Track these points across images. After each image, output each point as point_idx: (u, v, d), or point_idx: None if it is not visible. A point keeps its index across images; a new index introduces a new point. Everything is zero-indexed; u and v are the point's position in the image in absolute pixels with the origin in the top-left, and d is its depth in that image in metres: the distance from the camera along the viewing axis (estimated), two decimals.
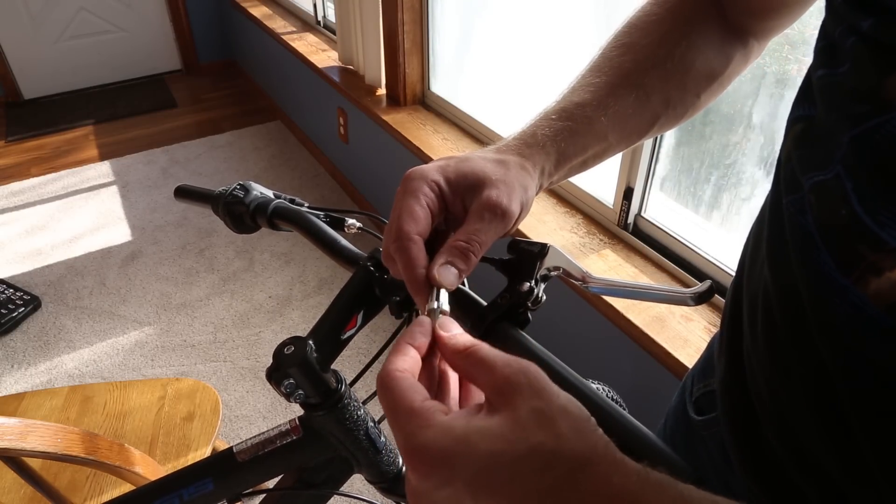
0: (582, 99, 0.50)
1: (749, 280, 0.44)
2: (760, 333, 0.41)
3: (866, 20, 0.32)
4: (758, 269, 0.43)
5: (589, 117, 0.49)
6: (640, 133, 0.53)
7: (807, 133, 0.37)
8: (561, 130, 0.48)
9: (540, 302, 0.46)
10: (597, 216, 1.54)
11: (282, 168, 3.13)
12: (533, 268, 0.47)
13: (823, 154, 0.34)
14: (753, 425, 0.43)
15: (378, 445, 0.59)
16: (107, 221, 2.75)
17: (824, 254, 0.34)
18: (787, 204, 0.37)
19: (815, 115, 0.37)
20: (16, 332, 2.15)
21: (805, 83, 0.40)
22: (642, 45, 0.52)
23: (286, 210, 0.68)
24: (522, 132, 0.48)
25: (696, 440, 0.56)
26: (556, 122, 0.48)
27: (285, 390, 0.50)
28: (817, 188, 0.34)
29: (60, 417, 1.24)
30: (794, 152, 0.38)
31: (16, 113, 3.71)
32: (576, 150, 0.49)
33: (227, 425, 1.82)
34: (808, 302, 0.35)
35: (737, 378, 0.45)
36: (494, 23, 1.87)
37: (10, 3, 3.57)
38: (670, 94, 0.52)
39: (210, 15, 4.08)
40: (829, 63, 0.36)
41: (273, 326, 2.17)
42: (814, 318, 0.35)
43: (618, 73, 0.51)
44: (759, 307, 0.41)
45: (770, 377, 0.40)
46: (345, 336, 0.53)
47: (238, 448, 0.57)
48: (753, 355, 0.42)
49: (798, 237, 0.36)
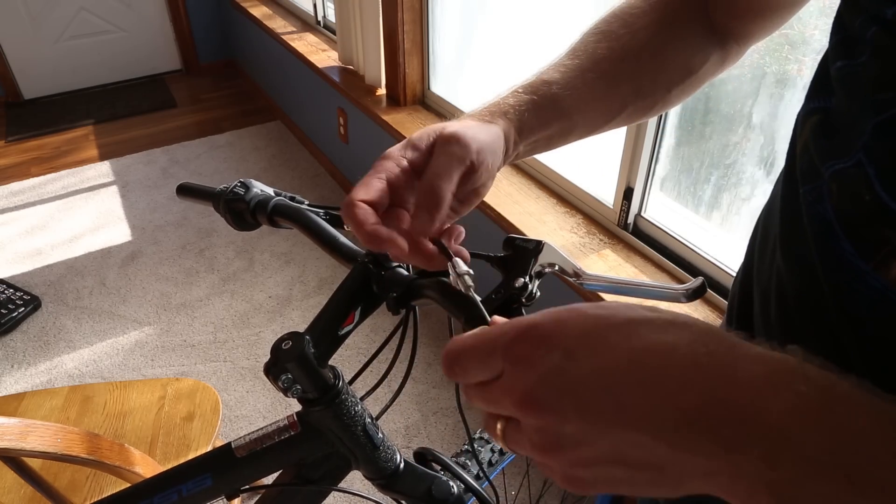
0: (550, 77, 0.52)
1: (759, 273, 0.45)
2: (775, 324, 0.41)
3: (891, 8, 0.32)
4: (768, 262, 0.43)
5: (554, 94, 0.51)
6: (608, 118, 0.54)
7: (824, 123, 0.38)
8: (525, 102, 0.50)
9: (534, 298, 0.47)
10: (597, 216, 1.54)
11: (282, 168, 3.13)
12: (528, 264, 0.47)
13: (843, 142, 0.35)
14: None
15: (376, 441, 0.59)
16: (107, 221, 2.75)
17: (844, 241, 0.34)
18: (805, 193, 0.38)
19: (831, 106, 0.37)
20: (16, 332, 2.15)
21: (818, 77, 0.40)
22: (619, 34, 0.53)
23: (286, 207, 0.68)
24: (488, 102, 0.51)
25: None
26: (520, 94, 0.50)
27: (283, 385, 0.51)
28: (838, 176, 0.35)
29: (60, 417, 1.24)
30: (812, 143, 0.38)
31: (16, 113, 3.71)
32: (538, 123, 0.50)
33: (227, 425, 1.82)
34: (828, 290, 0.35)
35: None
36: (494, 23, 1.87)
37: (10, 3, 3.57)
38: (641, 84, 0.54)
39: (210, 15, 4.08)
40: (847, 54, 0.36)
41: (273, 326, 2.17)
42: (834, 305, 0.35)
43: (590, 59, 0.53)
44: (772, 298, 0.42)
45: None
46: (342, 332, 0.54)
47: (237, 444, 0.58)
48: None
49: (816, 226, 0.36)
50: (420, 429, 1.79)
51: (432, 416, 1.82)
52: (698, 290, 0.46)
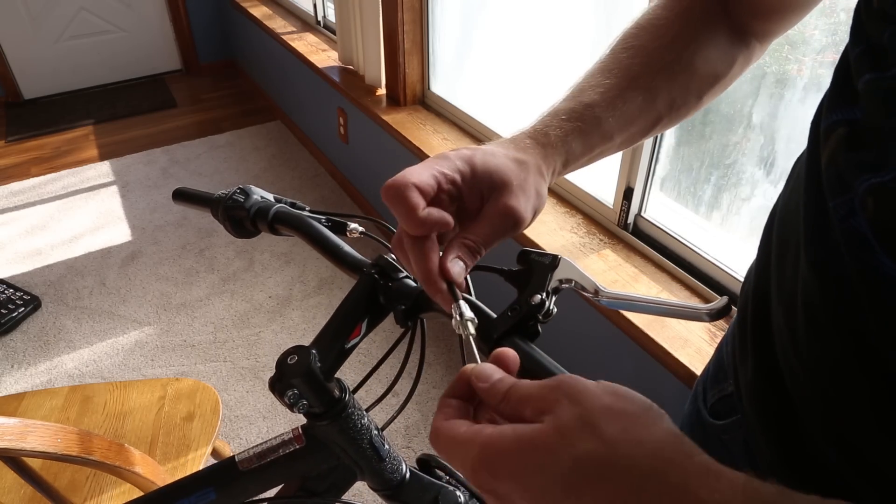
0: (591, 100, 0.51)
1: (780, 283, 0.44)
2: (803, 334, 0.40)
3: None
4: (790, 273, 0.42)
5: (598, 118, 0.50)
6: (643, 133, 0.54)
7: (853, 136, 0.37)
8: (571, 131, 0.49)
9: (551, 315, 0.46)
10: (597, 216, 1.54)
11: (282, 168, 3.13)
12: (544, 280, 0.46)
13: (878, 156, 0.34)
14: (791, 424, 0.43)
15: (381, 453, 0.58)
16: (107, 221, 2.75)
17: (882, 255, 0.33)
18: (834, 208, 0.37)
19: (859, 119, 0.37)
20: (16, 332, 2.15)
21: (838, 87, 0.39)
22: (651, 48, 0.53)
23: (287, 215, 0.67)
24: (535, 130, 0.49)
25: (715, 445, 0.56)
26: (566, 122, 0.49)
27: (289, 401, 0.49)
28: (875, 190, 0.34)
29: (60, 417, 1.24)
30: (840, 156, 0.37)
31: (16, 113, 3.71)
32: (583, 150, 0.50)
33: (227, 425, 1.82)
34: (867, 304, 0.35)
35: (769, 379, 0.45)
36: (494, 23, 1.87)
37: (10, 3, 3.57)
38: (674, 95, 0.54)
39: (210, 15, 4.08)
40: (876, 66, 0.35)
41: (273, 326, 2.17)
42: (873, 318, 0.35)
43: (626, 76, 0.52)
44: (798, 309, 0.41)
45: (817, 375, 0.40)
46: (349, 345, 0.52)
47: (240, 457, 0.57)
48: (793, 356, 0.42)
49: (849, 240, 0.36)
50: (420, 429, 1.79)
51: (432, 416, 1.82)
52: (723, 309, 0.45)
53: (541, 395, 0.31)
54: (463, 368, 0.36)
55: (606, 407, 0.29)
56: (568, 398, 0.29)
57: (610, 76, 0.52)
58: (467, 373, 0.35)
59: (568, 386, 0.30)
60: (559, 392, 0.30)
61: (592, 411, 0.28)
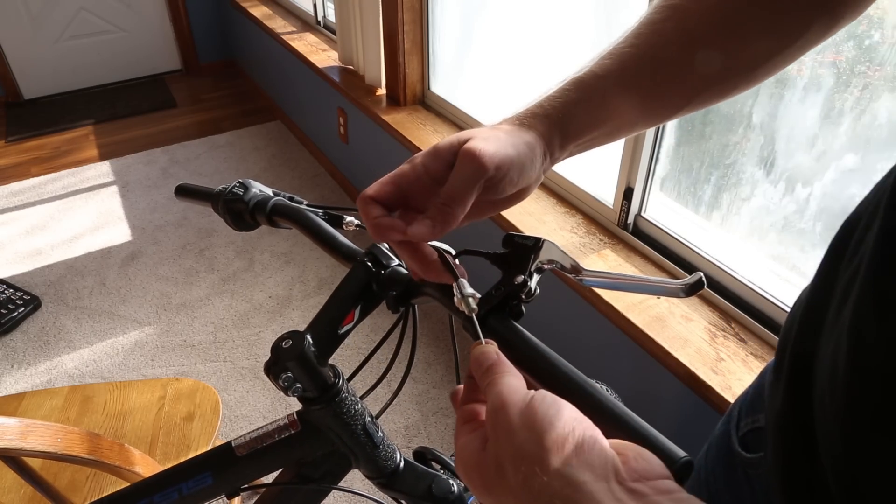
0: (605, 69, 0.46)
1: (835, 322, 0.38)
2: (843, 370, 0.35)
3: None
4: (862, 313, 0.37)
5: (607, 90, 0.46)
6: (674, 109, 0.49)
7: None
8: (574, 102, 0.45)
9: (533, 294, 0.47)
10: (597, 216, 1.54)
11: (282, 168, 3.13)
12: (527, 261, 0.47)
13: None
14: (808, 466, 0.39)
15: (376, 440, 0.59)
16: (107, 221, 2.75)
17: None
18: None
19: None
20: (16, 332, 2.15)
21: None
22: (692, 9, 0.45)
23: (285, 207, 0.69)
24: (531, 103, 0.47)
25: (740, 476, 0.54)
26: (569, 92, 0.46)
27: (283, 384, 0.51)
28: None
29: (60, 417, 1.24)
30: None
31: (16, 113, 3.71)
32: (589, 123, 0.46)
33: (227, 425, 1.82)
34: None
35: (798, 414, 0.41)
36: (494, 23, 1.87)
37: (10, 3, 3.57)
38: (718, 68, 0.46)
39: (210, 15, 4.08)
40: None
41: (273, 326, 2.17)
42: None
43: (652, 43, 0.46)
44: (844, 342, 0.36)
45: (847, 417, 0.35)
46: (342, 330, 0.54)
47: (237, 442, 0.58)
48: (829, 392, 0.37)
49: None
50: (420, 428, 1.79)
51: (432, 415, 1.82)
52: (696, 284, 0.46)
53: (489, 420, 0.34)
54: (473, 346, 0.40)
55: (515, 451, 0.32)
56: (501, 432, 0.33)
57: (633, 42, 0.46)
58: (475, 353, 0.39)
59: (504, 421, 0.33)
60: (496, 423, 0.34)
61: (503, 455, 0.32)
